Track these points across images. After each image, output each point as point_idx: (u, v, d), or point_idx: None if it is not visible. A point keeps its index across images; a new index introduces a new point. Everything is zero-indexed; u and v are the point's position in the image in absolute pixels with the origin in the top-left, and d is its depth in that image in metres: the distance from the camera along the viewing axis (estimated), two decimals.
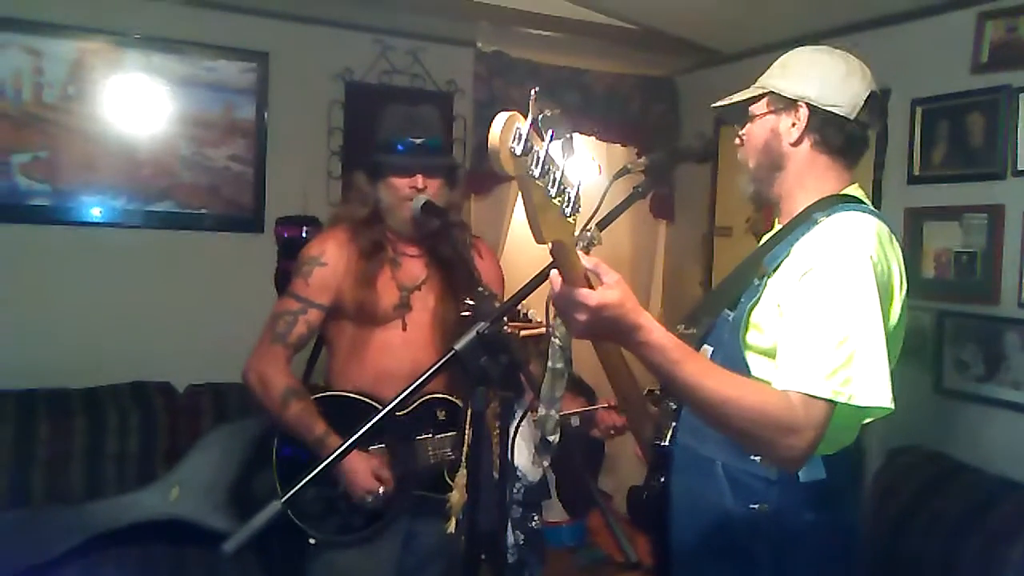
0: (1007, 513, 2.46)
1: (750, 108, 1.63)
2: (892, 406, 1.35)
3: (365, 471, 2.16)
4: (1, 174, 3.16)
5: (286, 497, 1.19)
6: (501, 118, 0.98)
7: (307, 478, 1.23)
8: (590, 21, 3.63)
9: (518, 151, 0.98)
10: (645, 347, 1.26)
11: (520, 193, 1.06)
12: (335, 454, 1.27)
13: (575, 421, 2.38)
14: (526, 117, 1.02)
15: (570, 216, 1.12)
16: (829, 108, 1.53)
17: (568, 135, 1.07)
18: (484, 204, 3.96)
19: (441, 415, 2.30)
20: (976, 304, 2.84)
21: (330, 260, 2.27)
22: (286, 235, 3.54)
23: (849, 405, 1.33)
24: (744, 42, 3.69)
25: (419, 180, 2.22)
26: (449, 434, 2.27)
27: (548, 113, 1.03)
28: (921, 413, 2.94)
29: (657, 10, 3.53)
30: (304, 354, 2.48)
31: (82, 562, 2.73)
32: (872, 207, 1.55)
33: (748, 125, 1.63)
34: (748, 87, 1.65)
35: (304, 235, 3.52)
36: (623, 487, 4.49)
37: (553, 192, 1.07)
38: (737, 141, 1.66)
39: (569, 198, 1.11)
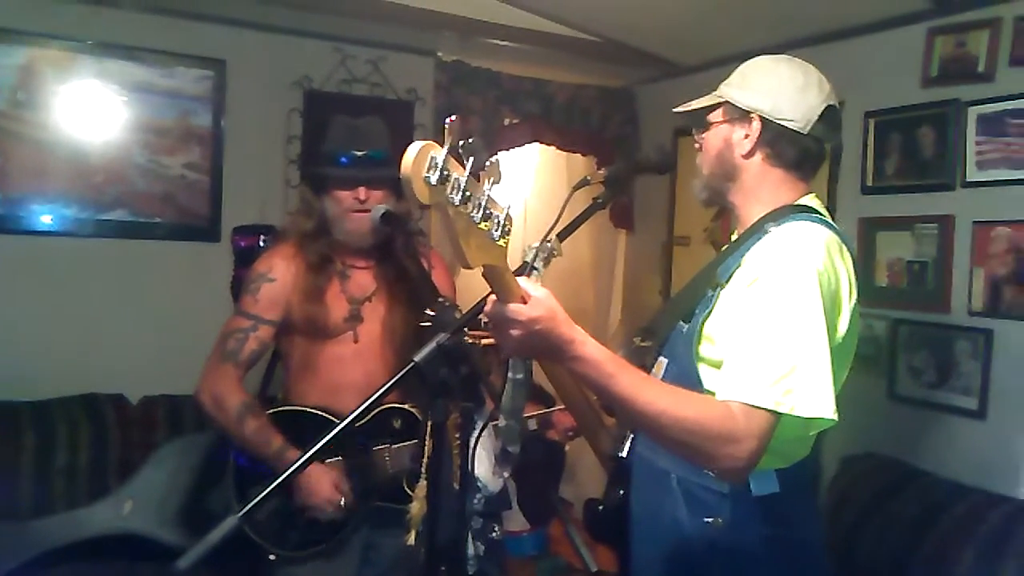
0: (959, 516, 2.51)
1: (707, 115, 1.62)
2: (835, 417, 1.34)
3: (326, 482, 2.15)
4: None
5: (243, 512, 1.17)
6: (414, 148, 0.97)
7: (264, 492, 1.21)
8: (551, 32, 3.66)
9: (433, 180, 0.98)
10: (578, 361, 1.25)
11: (441, 221, 1.05)
12: (293, 467, 1.24)
13: (532, 424, 2.39)
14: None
15: (500, 239, 1.12)
16: (782, 122, 1.52)
17: (493, 160, 1.06)
18: None
19: (397, 424, 2.28)
20: (928, 312, 2.90)
21: (278, 275, 2.26)
22: (243, 244, 3.52)
23: (793, 416, 1.31)
24: (702, 54, 3.74)
25: (361, 192, 2.22)
26: (406, 443, 2.26)
27: (469, 140, 1.02)
28: (875, 419, 2.99)
29: (617, 22, 3.56)
30: (261, 368, 2.45)
31: None
32: (826, 217, 1.54)
33: (705, 132, 1.63)
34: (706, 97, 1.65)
35: (261, 244, 3.50)
36: (583, 496, 4.49)
37: (478, 217, 1.06)
38: (696, 145, 1.66)
39: (498, 222, 1.10)
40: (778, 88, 1.53)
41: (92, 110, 3.29)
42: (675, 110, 1.69)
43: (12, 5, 3.14)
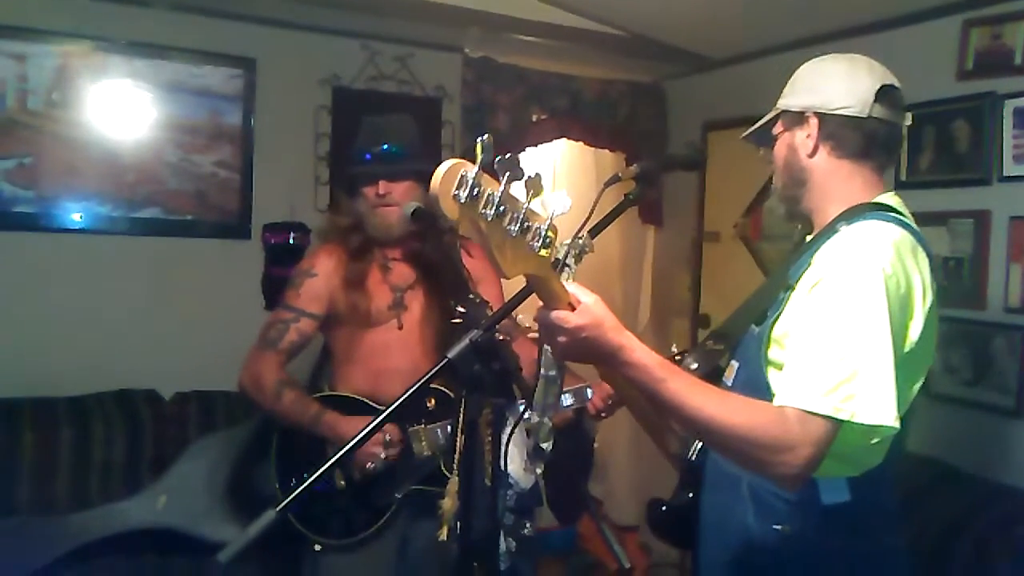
0: (996, 517, 2.48)
1: (772, 131, 1.63)
2: (897, 425, 1.30)
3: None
4: None
5: (282, 505, 1.19)
6: (444, 166, 1.00)
7: (304, 484, 1.24)
8: (579, 28, 3.64)
9: (463, 197, 1.00)
10: (628, 367, 1.25)
11: (475, 235, 1.08)
12: (331, 461, 1.28)
13: (568, 399, 2.36)
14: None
15: (541, 250, 1.13)
16: (838, 111, 1.50)
17: (533, 174, 1.07)
18: None
19: (431, 404, 2.31)
20: (964, 309, 2.86)
21: (320, 271, 2.35)
22: (273, 241, 3.56)
23: (853, 423, 1.27)
24: (730, 48, 3.70)
25: (381, 186, 2.28)
26: (440, 423, 2.29)
27: (507, 156, 1.04)
28: (910, 417, 2.94)
29: (645, 16, 3.54)
30: (310, 363, 2.50)
31: (68, 573, 2.70)
32: (905, 216, 1.49)
33: (772, 148, 1.63)
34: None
35: (291, 241, 3.54)
36: (613, 493, 4.50)
37: (515, 230, 1.08)
38: (770, 165, 1.66)
39: (539, 233, 1.12)
40: (824, 82, 1.53)
41: (124, 109, 3.33)
42: (741, 136, 1.70)
43: (48, 7, 3.19)
